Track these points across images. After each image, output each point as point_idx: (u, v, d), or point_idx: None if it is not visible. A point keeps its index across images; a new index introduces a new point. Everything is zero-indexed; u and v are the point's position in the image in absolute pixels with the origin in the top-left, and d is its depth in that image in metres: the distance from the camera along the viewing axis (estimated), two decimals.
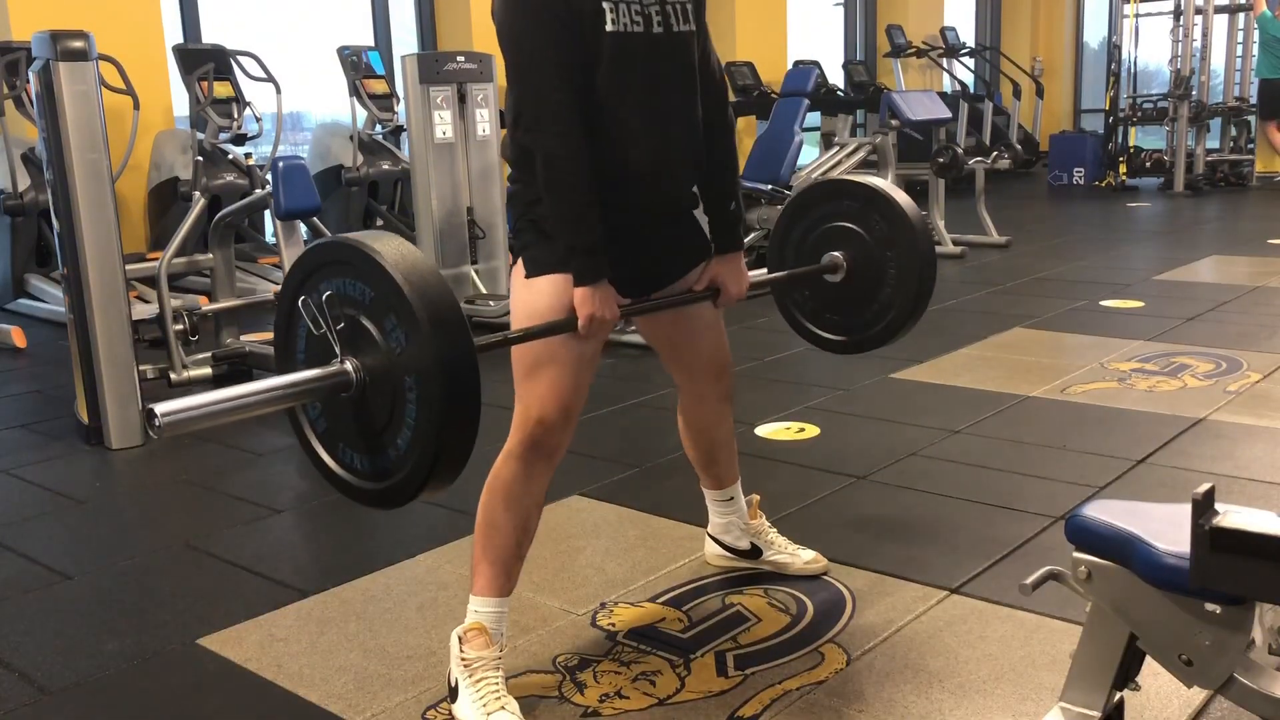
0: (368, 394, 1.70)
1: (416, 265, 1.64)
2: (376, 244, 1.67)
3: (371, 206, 7.62)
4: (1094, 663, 1.65)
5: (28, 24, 5.28)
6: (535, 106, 1.95)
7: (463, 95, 5.45)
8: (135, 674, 2.28)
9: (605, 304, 2.00)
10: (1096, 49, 14.56)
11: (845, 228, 2.58)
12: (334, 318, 1.70)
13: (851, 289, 2.59)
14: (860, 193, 2.57)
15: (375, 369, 1.68)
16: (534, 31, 1.93)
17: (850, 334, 2.67)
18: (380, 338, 1.66)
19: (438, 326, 1.60)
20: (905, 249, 2.52)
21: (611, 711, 2.06)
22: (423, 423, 1.63)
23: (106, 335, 3.75)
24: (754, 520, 2.60)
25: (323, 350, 1.73)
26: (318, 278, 1.74)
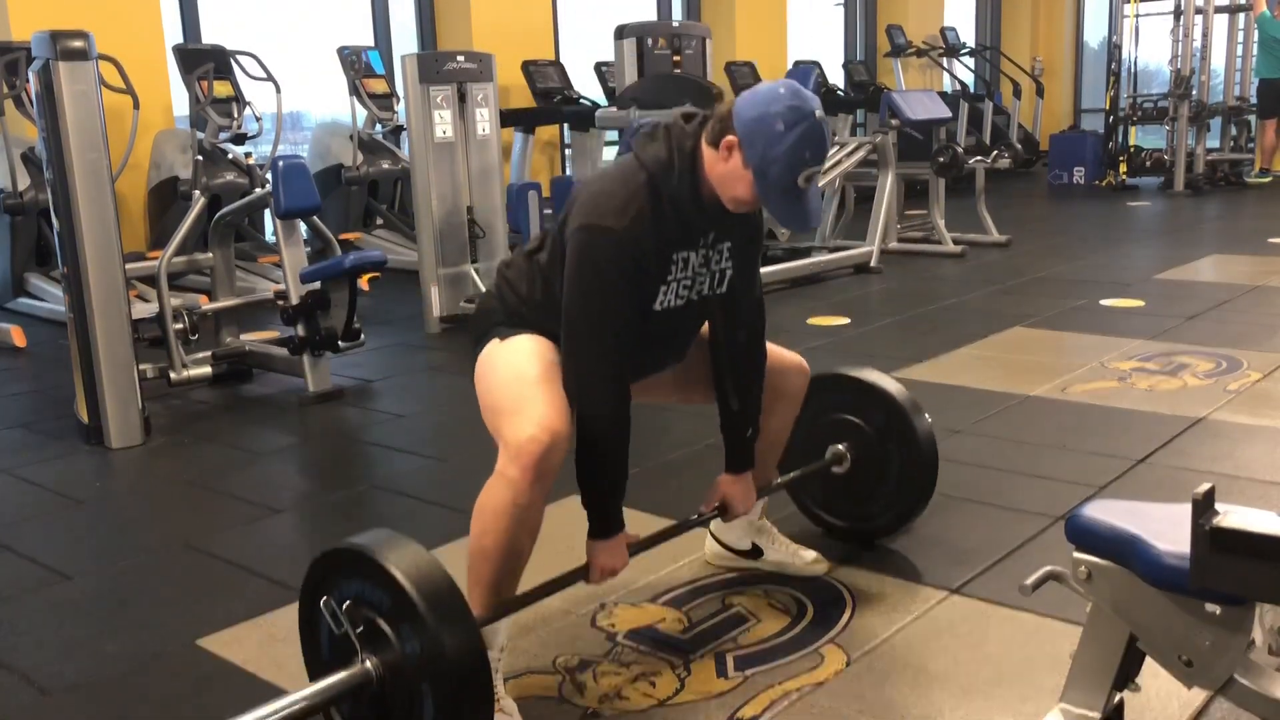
0: (386, 690, 1.76)
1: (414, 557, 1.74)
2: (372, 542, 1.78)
3: (371, 206, 7.62)
4: (1094, 663, 1.65)
5: (28, 24, 5.28)
6: (591, 368, 2.03)
7: (463, 95, 5.45)
8: (135, 674, 2.28)
9: (616, 556, 2.12)
10: (1096, 49, 14.56)
11: (849, 420, 2.66)
12: (353, 620, 1.77)
13: (856, 480, 2.67)
14: (860, 389, 2.65)
15: (393, 668, 1.74)
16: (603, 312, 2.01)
17: (856, 522, 2.74)
18: (397, 642, 1.73)
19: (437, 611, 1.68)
20: (906, 447, 2.61)
21: (611, 712, 2.06)
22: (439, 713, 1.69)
23: (106, 335, 3.75)
24: (757, 519, 2.60)
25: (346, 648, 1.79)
26: (336, 578, 1.83)
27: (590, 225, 1.99)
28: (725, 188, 2.02)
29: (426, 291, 5.46)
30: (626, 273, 2.00)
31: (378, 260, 4.36)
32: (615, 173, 2.07)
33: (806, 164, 1.96)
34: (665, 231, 2.03)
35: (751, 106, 1.98)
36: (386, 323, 5.69)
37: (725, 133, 1.98)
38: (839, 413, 2.67)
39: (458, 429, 3.92)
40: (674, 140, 2.04)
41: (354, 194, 7.42)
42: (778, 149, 1.93)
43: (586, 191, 2.06)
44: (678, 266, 2.08)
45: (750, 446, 2.35)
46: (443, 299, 5.45)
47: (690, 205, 2.04)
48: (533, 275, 2.14)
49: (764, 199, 1.99)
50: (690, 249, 2.09)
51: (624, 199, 2.00)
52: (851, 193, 7.68)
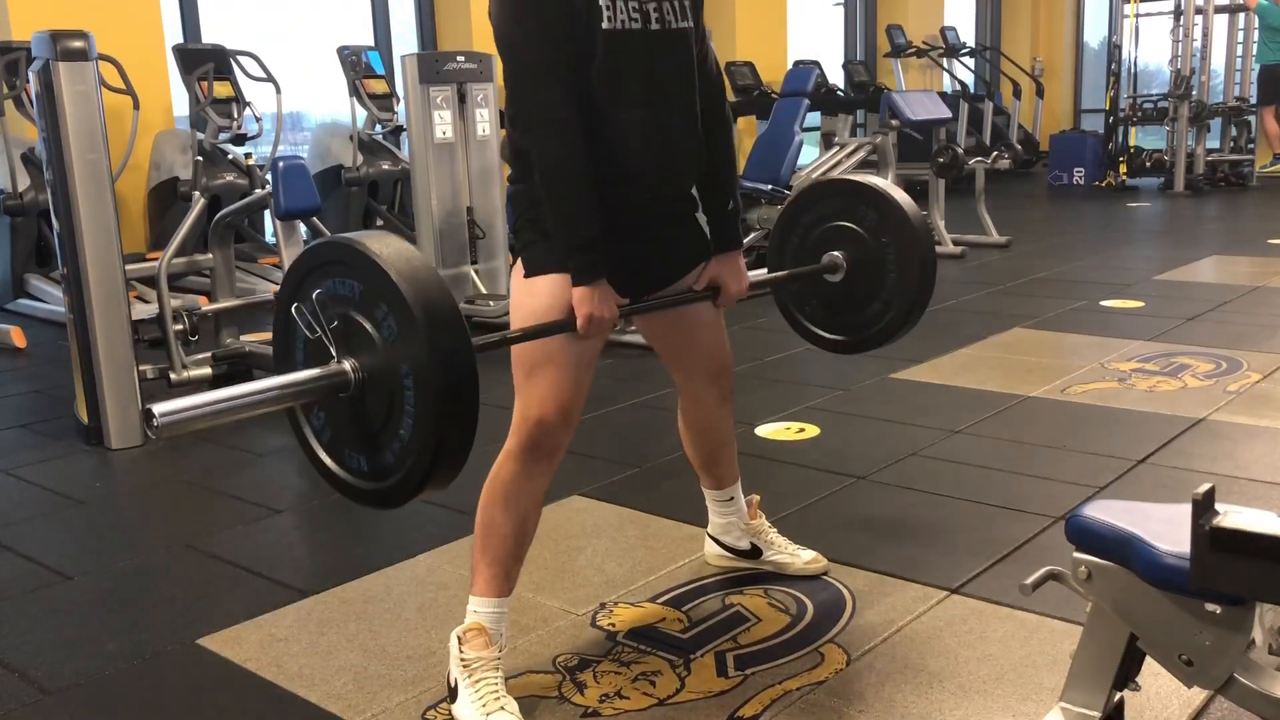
0: (366, 393, 1.69)
1: (406, 255, 1.64)
2: (363, 238, 1.67)
3: (371, 206, 7.62)
4: (1094, 663, 1.65)
5: (28, 24, 5.28)
6: (531, 107, 1.94)
7: (463, 95, 5.45)
8: (135, 674, 2.28)
9: (604, 303, 1.99)
10: (1096, 49, 14.56)
11: (845, 227, 2.57)
12: (327, 318, 1.70)
13: (851, 288, 2.59)
14: (859, 192, 2.57)
15: (372, 366, 1.67)
16: (531, 32, 1.93)
17: (850, 333, 2.67)
18: (374, 331, 1.65)
19: (428, 311, 1.59)
20: (905, 248, 2.52)
21: (611, 712, 2.06)
22: (421, 415, 1.62)
23: (106, 335, 3.75)
24: (754, 520, 2.60)
25: (321, 355, 1.72)
26: (309, 282, 1.74)
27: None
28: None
29: None
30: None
31: None
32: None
33: None
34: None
35: None
36: None
37: None
38: (833, 220, 2.58)
39: None
40: None
41: (354, 195, 7.41)
42: None
43: None
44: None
45: (734, 223, 2.26)
46: None
47: None
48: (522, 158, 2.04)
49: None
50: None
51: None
52: None
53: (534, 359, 2.03)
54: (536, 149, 1.94)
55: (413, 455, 1.66)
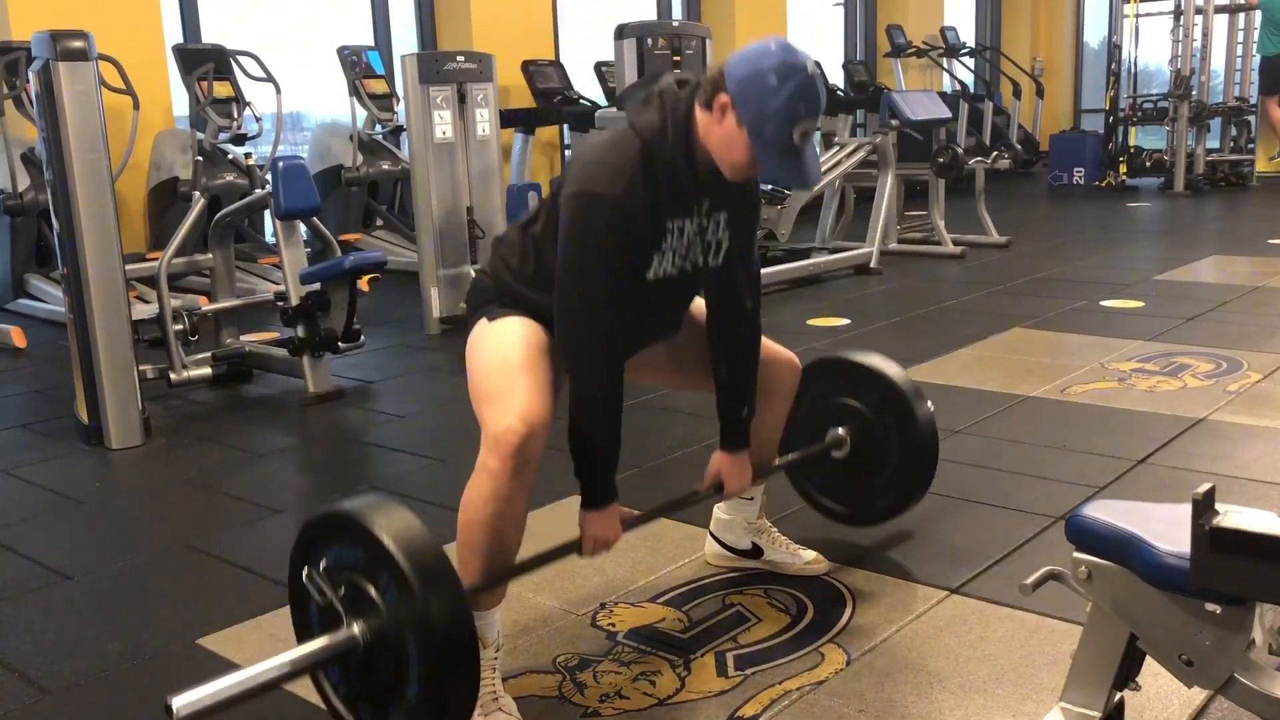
0: (375, 654, 1.74)
1: (403, 524, 1.73)
2: (364, 509, 1.77)
3: (371, 206, 7.62)
4: (1094, 663, 1.65)
5: (28, 24, 5.27)
6: (584, 337, 2.01)
7: (462, 95, 5.45)
8: (135, 674, 2.28)
9: (609, 526, 2.10)
10: (1096, 49, 14.56)
11: (849, 405, 2.65)
12: (335, 585, 1.77)
13: (856, 464, 2.67)
14: (860, 373, 2.65)
15: (379, 629, 1.73)
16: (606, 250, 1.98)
17: (855, 508, 2.74)
18: (378, 597, 1.72)
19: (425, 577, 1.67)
20: (906, 431, 2.60)
21: (611, 711, 2.06)
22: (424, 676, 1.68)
23: (106, 335, 3.75)
24: (756, 520, 2.60)
25: (334, 619, 1.78)
26: (316, 550, 1.82)
27: (584, 192, 1.97)
28: (721, 152, 1.99)
29: (426, 293, 5.46)
30: (620, 241, 1.98)
31: (378, 261, 4.36)
32: (609, 139, 2.04)
33: (802, 118, 1.93)
34: (659, 199, 2.01)
35: (743, 64, 1.95)
36: (386, 324, 5.69)
37: (717, 93, 1.95)
38: (839, 397, 2.65)
39: (457, 430, 3.92)
40: (667, 105, 2.02)
41: (354, 195, 7.42)
42: (771, 105, 1.91)
43: (580, 159, 2.05)
44: (672, 235, 2.06)
45: (745, 425, 2.32)
46: (442, 300, 5.45)
47: (685, 172, 2.02)
48: (525, 248, 2.13)
49: (761, 157, 1.96)
50: (685, 217, 2.07)
51: (617, 165, 1.97)
52: (851, 193, 7.67)
53: (508, 370, 2.03)
54: (582, 378, 2.02)
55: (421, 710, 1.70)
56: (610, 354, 2.03)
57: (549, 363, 2.08)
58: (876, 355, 2.70)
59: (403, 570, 1.66)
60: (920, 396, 2.61)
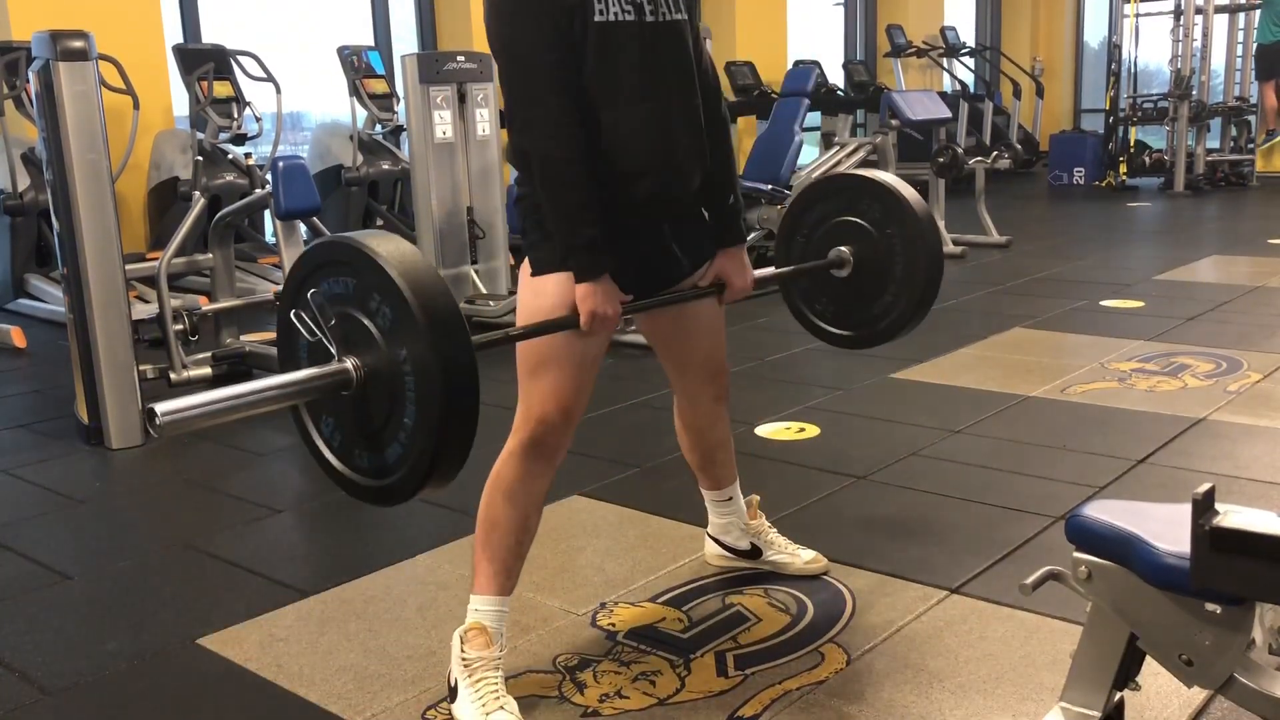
0: (369, 389, 1.69)
1: (396, 245, 1.65)
2: (353, 234, 1.69)
3: (371, 206, 7.62)
4: (1094, 663, 1.65)
5: (28, 24, 5.28)
6: (528, 109, 1.93)
7: (463, 95, 5.44)
8: (135, 674, 2.28)
9: (607, 300, 1.97)
10: (1096, 49, 14.56)
11: (850, 222, 2.57)
12: (325, 318, 1.70)
13: (859, 283, 2.58)
14: (863, 186, 2.56)
15: (372, 361, 1.67)
16: (524, 33, 1.92)
17: (860, 329, 2.66)
18: (371, 325, 1.65)
19: (419, 293, 1.59)
20: (910, 241, 2.52)
21: (611, 711, 2.06)
22: (421, 399, 1.62)
23: (106, 335, 3.75)
24: (753, 520, 2.60)
25: (324, 357, 1.73)
26: (306, 286, 1.75)
27: None
28: None
29: None
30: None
31: None
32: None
33: None
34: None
35: None
36: None
37: None
38: (839, 216, 2.58)
39: None
40: None
41: (354, 195, 7.41)
42: None
43: None
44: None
45: (737, 217, 2.23)
46: None
47: None
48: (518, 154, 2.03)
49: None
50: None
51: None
52: None
53: (538, 358, 2.03)
54: (534, 150, 1.93)
55: (418, 442, 1.65)
56: (557, 116, 1.91)
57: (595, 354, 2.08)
58: (874, 169, 2.64)
59: (405, 299, 1.57)
60: (921, 202, 2.52)
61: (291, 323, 1.77)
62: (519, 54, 1.93)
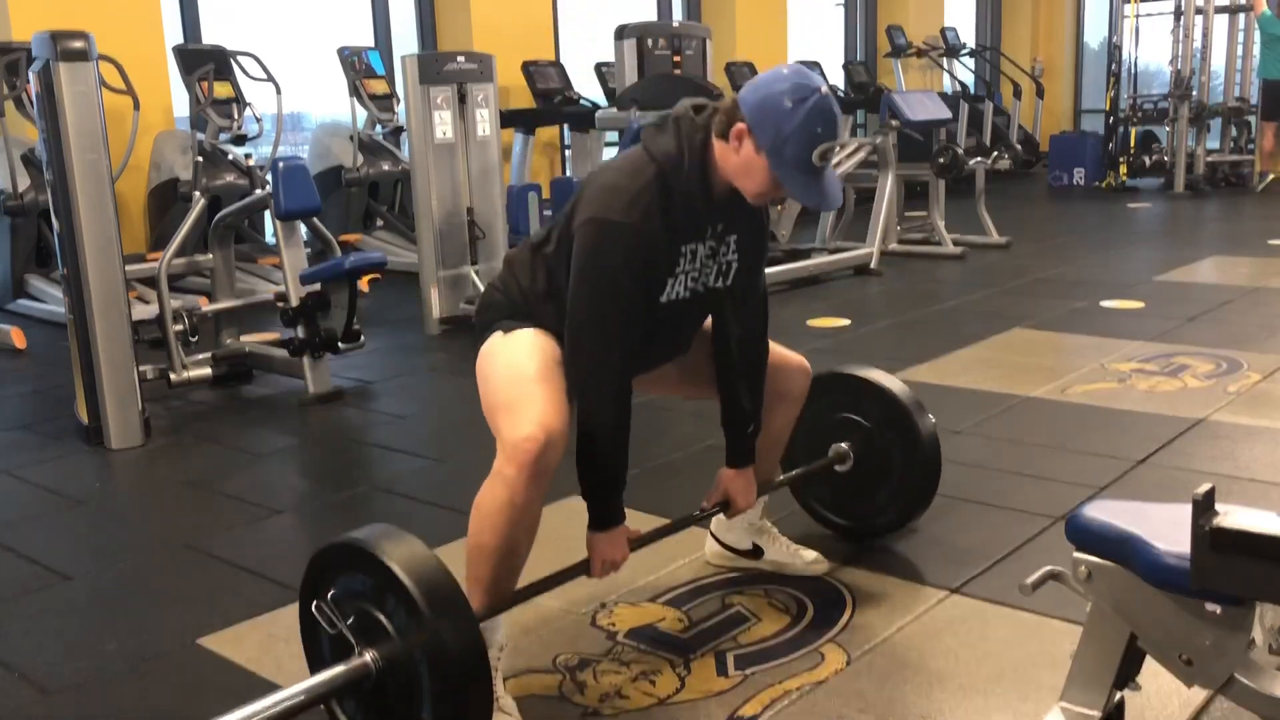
0: (387, 681, 1.74)
1: (407, 548, 1.74)
2: (369, 536, 1.78)
3: (371, 207, 7.62)
4: (1094, 663, 1.65)
5: (28, 24, 5.28)
6: (594, 361, 2.01)
7: (463, 95, 5.44)
8: (135, 674, 2.28)
9: (617, 548, 2.12)
10: (1096, 49, 14.56)
11: (851, 419, 2.66)
12: (344, 614, 1.77)
13: (859, 478, 2.67)
14: (860, 387, 2.66)
15: (390, 655, 1.73)
16: (616, 312, 1.99)
17: (860, 520, 2.74)
18: (387, 623, 1.72)
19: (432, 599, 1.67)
20: (908, 442, 2.61)
21: (611, 711, 2.06)
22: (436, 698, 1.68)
23: (106, 335, 3.74)
24: (758, 520, 2.60)
25: (345, 648, 1.78)
26: (325, 580, 1.82)
27: (599, 219, 1.97)
28: (741, 179, 2.00)
29: (426, 293, 5.45)
30: (635, 268, 1.98)
31: (378, 262, 4.37)
32: (624, 165, 2.05)
33: (820, 138, 1.94)
34: (674, 225, 2.01)
35: (756, 90, 1.97)
36: (386, 324, 5.69)
37: (733, 121, 1.97)
38: (842, 411, 2.67)
39: (457, 430, 3.92)
40: (683, 132, 2.03)
41: (354, 195, 7.42)
42: (789, 126, 1.92)
43: (595, 184, 2.04)
44: (685, 259, 2.07)
45: (752, 442, 2.34)
46: (443, 300, 5.45)
47: (700, 199, 2.03)
48: (536, 268, 2.13)
49: (783, 180, 1.97)
50: (698, 240, 2.08)
51: (634, 193, 1.98)
52: (851, 194, 7.67)
53: (523, 380, 2.02)
54: (590, 408, 2.02)
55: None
56: (620, 384, 2.04)
57: (564, 374, 2.07)
58: (878, 370, 2.71)
59: (412, 596, 1.67)
60: (922, 410, 2.62)
61: (313, 619, 1.83)
62: (598, 333, 2.00)
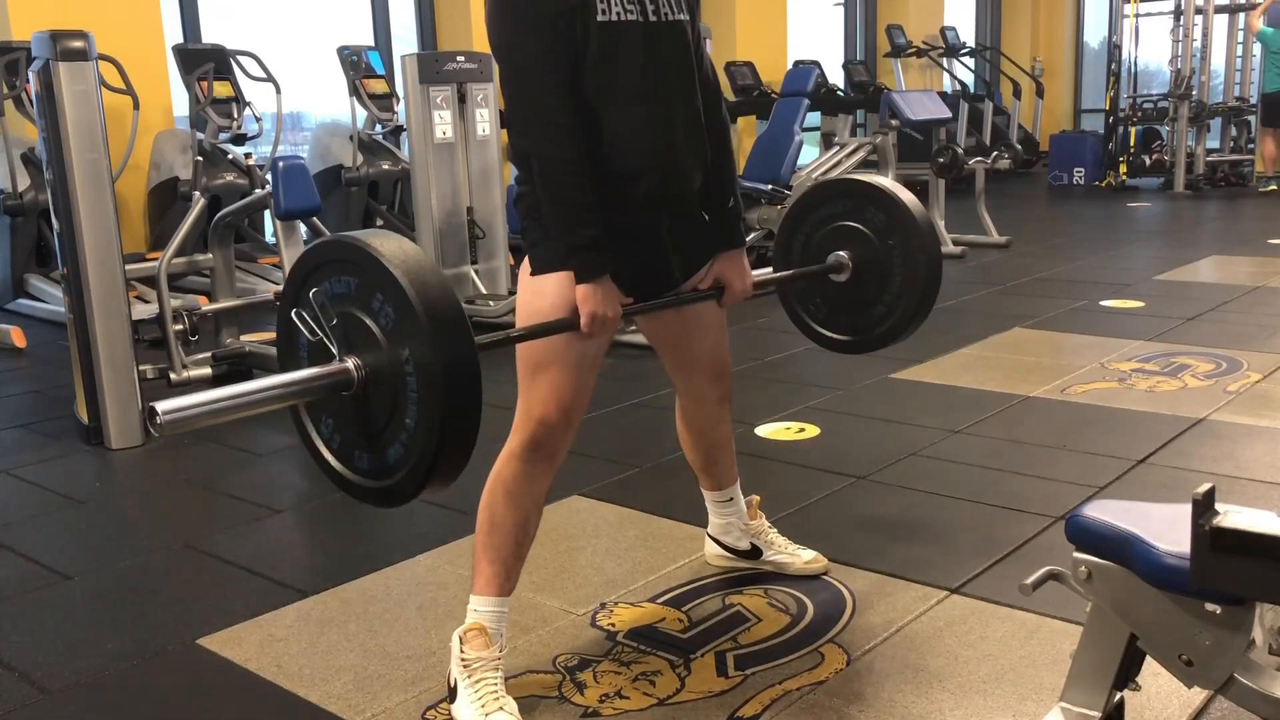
0: (370, 389, 1.68)
1: (397, 243, 1.65)
2: (354, 233, 1.68)
3: (371, 206, 7.62)
4: (1094, 663, 1.65)
5: (28, 24, 5.28)
6: (528, 111, 1.93)
7: (463, 95, 5.45)
8: (135, 674, 2.28)
9: (607, 301, 1.96)
10: (1096, 49, 14.57)
11: (850, 227, 2.57)
12: (327, 318, 1.69)
13: (856, 289, 2.59)
14: (866, 193, 2.56)
15: (374, 360, 1.67)
16: (525, 36, 1.91)
17: (854, 333, 2.66)
18: (373, 324, 1.64)
19: (421, 290, 1.58)
20: (911, 251, 2.52)
21: (611, 711, 2.06)
22: (424, 397, 1.61)
23: (106, 335, 3.75)
24: (754, 521, 2.60)
25: (325, 357, 1.72)
26: (307, 285, 1.74)
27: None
28: None
29: None
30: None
31: None
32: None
33: None
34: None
35: None
36: None
37: None
38: (839, 220, 2.57)
39: None
40: None
41: (354, 195, 7.41)
42: None
43: None
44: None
45: (736, 220, 2.23)
46: None
47: None
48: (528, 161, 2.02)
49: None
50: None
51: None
52: None
53: (538, 359, 2.02)
54: (534, 151, 1.93)
55: (419, 442, 1.64)
56: (557, 117, 1.90)
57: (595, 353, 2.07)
58: (878, 176, 2.64)
59: (404, 292, 1.56)
60: (923, 211, 2.53)
61: (292, 322, 1.76)
62: (519, 59, 1.92)
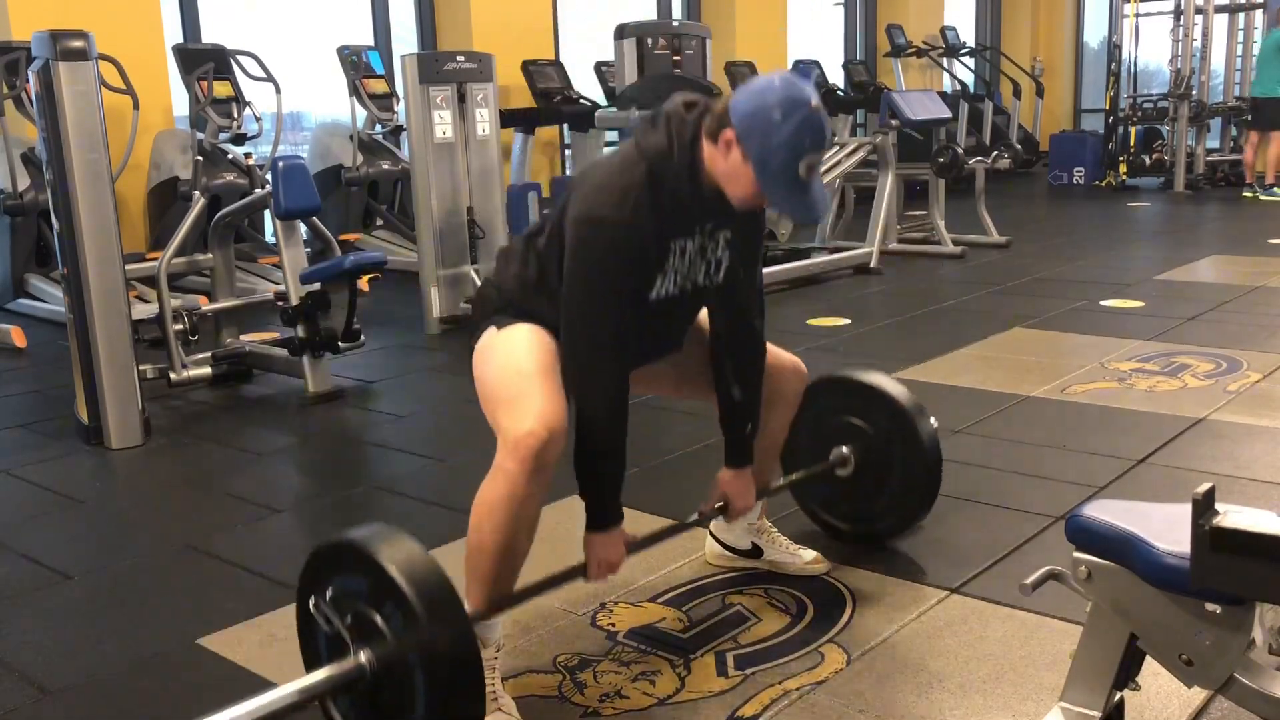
0: (381, 682, 1.74)
1: (406, 551, 1.75)
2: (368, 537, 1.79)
3: (371, 206, 7.62)
4: (1094, 663, 1.65)
5: (28, 24, 5.28)
6: (589, 374, 2.03)
7: (462, 95, 5.45)
8: (135, 674, 2.28)
9: (612, 549, 2.11)
10: (1096, 49, 14.57)
11: (855, 424, 2.65)
12: (342, 612, 1.77)
13: (860, 483, 2.66)
14: (869, 394, 2.64)
15: (385, 657, 1.73)
16: (603, 313, 2.00)
17: (857, 525, 2.73)
18: (383, 624, 1.72)
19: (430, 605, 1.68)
20: (911, 454, 2.60)
21: (611, 711, 2.06)
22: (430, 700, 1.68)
23: (106, 335, 3.74)
24: (757, 520, 2.60)
25: (341, 646, 1.78)
26: (323, 578, 1.83)
27: (590, 217, 1.98)
28: (728, 184, 2.00)
29: (426, 292, 5.46)
30: (625, 265, 1.99)
31: (378, 261, 4.37)
32: (615, 162, 2.06)
33: (806, 152, 1.93)
34: (663, 221, 2.02)
35: (748, 99, 1.96)
36: (386, 324, 5.69)
37: (722, 127, 1.96)
38: (843, 415, 2.66)
39: (457, 430, 3.92)
40: (674, 129, 2.02)
41: (354, 195, 7.42)
42: (776, 139, 1.91)
43: (586, 180, 2.05)
44: (674, 255, 2.07)
45: (749, 442, 2.33)
46: (442, 300, 5.45)
47: (689, 196, 2.02)
48: (528, 259, 2.13)
49: (767, 192, 1.97)
50: (687, 237, 2.08)
51: (623, 189, 1.98)
52: (851, 193, 7.67)
53: (523, 375, 2.02)
54: (588, 412, 2.03)
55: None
56: (615, 378, 2.04)
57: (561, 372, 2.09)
58: (880, 374, 2.70)
59: (408, 599, 1.67)
60: (924, 415, 2.61)
61: (309, 613, 1.84)
62: (592, 331, 2.02)
